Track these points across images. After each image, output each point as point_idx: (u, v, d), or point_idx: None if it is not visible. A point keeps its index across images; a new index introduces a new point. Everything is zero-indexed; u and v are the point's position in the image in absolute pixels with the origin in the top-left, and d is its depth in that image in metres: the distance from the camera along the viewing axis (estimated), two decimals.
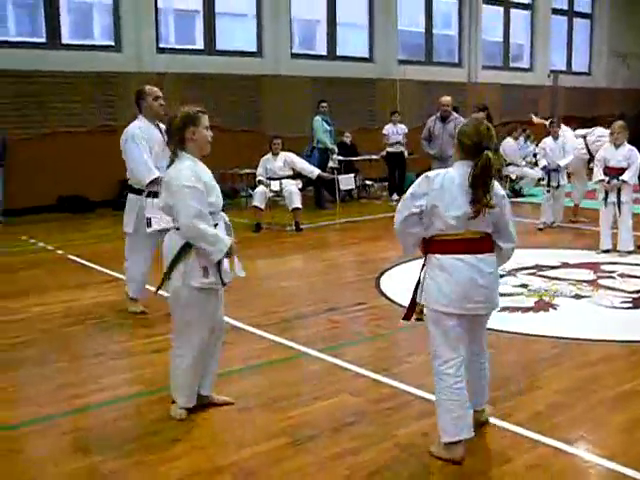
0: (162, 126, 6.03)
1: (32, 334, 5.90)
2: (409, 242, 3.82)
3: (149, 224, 6.01)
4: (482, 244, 3.68)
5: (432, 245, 3.71)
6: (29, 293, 7.21)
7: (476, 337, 3.83)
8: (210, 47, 15.17)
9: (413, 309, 3.87)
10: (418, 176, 3.79)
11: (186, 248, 4.03)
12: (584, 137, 11.13)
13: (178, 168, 4.07)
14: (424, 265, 3.79)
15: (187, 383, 4.21)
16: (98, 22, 14.81)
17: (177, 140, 4.12)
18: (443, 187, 3.61)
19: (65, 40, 13.60)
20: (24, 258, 9.03)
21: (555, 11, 21.76)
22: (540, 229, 10.48)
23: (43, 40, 13.41)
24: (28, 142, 12.82)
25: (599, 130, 10.93)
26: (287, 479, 3.49)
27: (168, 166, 4.17)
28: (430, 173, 3.72)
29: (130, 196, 6.36)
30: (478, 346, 3.89)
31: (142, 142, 6.19)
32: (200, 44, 15.23)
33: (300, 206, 10.84)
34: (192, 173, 4.01)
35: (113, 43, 14.08)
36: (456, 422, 3.63)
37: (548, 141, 10.89)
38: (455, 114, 11.37)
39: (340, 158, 13.92)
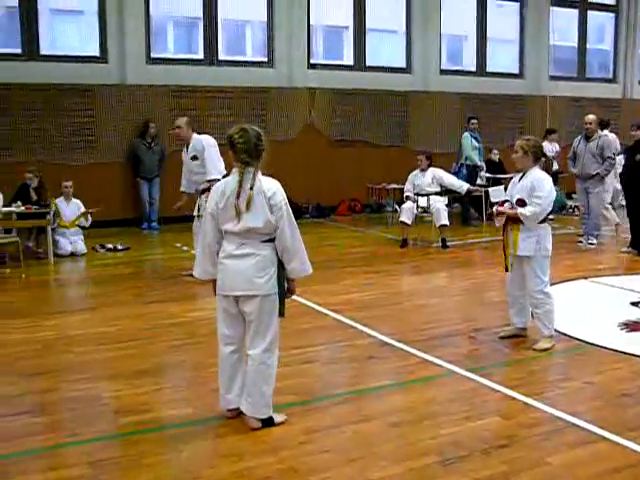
0: None
1: (189, 338, 6.18)
2: None
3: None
4: None
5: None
6: (185, 298, 7.57)
7: None
8: (360, 63, 15.36)
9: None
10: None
11: (279, 262, 4.22)
12: None
13: (273, 182, 4.20)
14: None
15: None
16: (252, 39, 15.32)
17: (257, 153, 4.15)
18: None
19: (221, 57, 14.16)
20: (179, 264, 9.41)
21: None
22: None
23: (201, 57, 14.03)
24: (181, 154, 13.38)
25: None
26: None
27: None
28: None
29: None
30: None
31: (217, 149, 8.39)
32: (349, 60, 15.44)
33: (447, 223, 10.75)
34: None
35: (266, 59, 14.53)
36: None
37: None
38: (601, 132, 11.01)
39: (488, 175, 13.73)
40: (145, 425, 4.34)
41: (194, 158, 8.46)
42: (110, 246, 10.76)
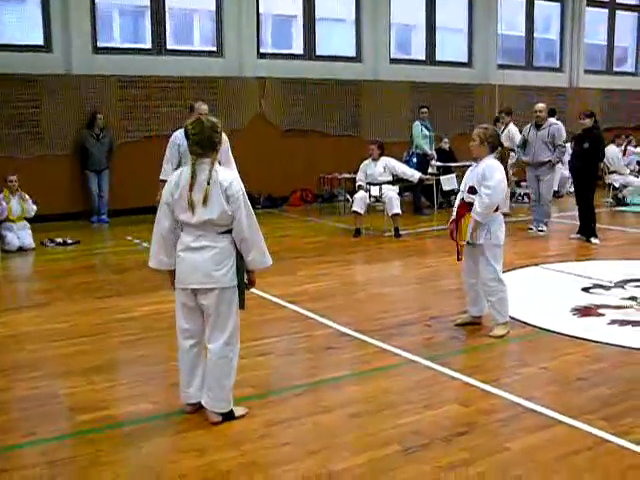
0: None
1: (144, 333, 6.10)
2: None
3: None
4: None
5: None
6: (139, 292, 7.47)
7: None
8: (310, 52, 15.31)
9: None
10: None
11: (238, 253, 4.16)
12: None
13: (230, 172, 4.20)
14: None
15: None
16: (200, 28, 15.15)
17: (210, 145, 4.10)
18: None
19: (169, 46, 13.98)
20: (131, 258, 9.31)
21: None
22: None
23: (149, 46, 13.82)
24: (132, 145, 13.23)
25: None
26: None
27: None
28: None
29: None
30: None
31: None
32: (299, 49, 15.39)
33: (400, 212, 10.79)
34: None
35: (215, 49, 14.39)
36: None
37: None
38: (551, 120, 11.22)
39: (439, 164, 13.81)
40: (103, 422, 4.27)
41: None
42: (59, 240, 10.56)
